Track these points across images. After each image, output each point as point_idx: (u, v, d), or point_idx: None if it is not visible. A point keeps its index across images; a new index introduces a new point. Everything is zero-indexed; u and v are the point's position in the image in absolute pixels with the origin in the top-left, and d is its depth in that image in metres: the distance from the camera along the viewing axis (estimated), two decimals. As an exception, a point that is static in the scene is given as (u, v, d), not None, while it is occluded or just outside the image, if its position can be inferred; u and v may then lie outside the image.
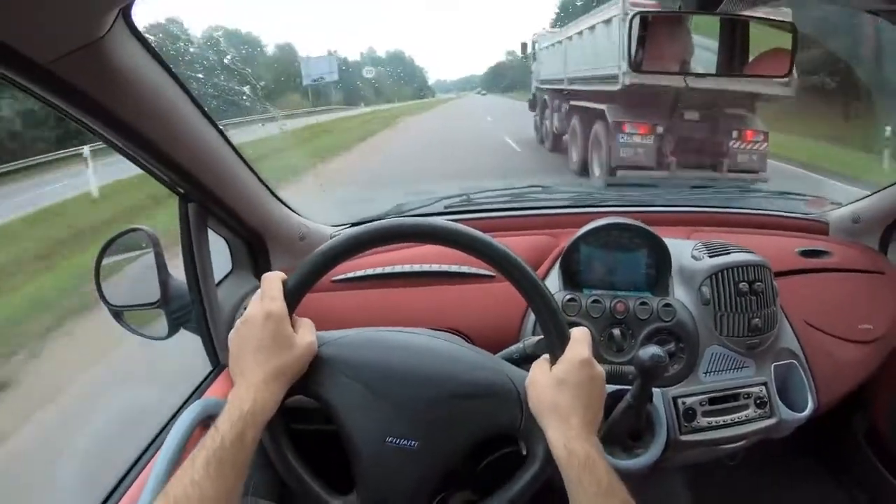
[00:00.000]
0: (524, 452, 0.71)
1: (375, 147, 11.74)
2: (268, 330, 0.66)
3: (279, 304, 0.67)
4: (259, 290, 0.70)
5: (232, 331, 0.69)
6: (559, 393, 0.65)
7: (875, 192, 1.30)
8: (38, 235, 5.05)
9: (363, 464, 0.68)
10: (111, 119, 0.73)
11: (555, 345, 0.68)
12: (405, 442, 0.67)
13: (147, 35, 0.74)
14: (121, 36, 0.68)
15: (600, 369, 0.67)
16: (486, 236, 0.70)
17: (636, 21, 0.91)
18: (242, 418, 0.61)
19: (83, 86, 0.67)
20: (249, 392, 0.63)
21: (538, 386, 0.67)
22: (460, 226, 0.71)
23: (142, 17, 0.73)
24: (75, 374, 2.88)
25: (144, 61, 0.74)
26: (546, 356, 0.70)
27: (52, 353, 3.16)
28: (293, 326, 0.69)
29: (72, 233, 4.93)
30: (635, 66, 0.89)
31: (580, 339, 0.68)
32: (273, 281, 0.70)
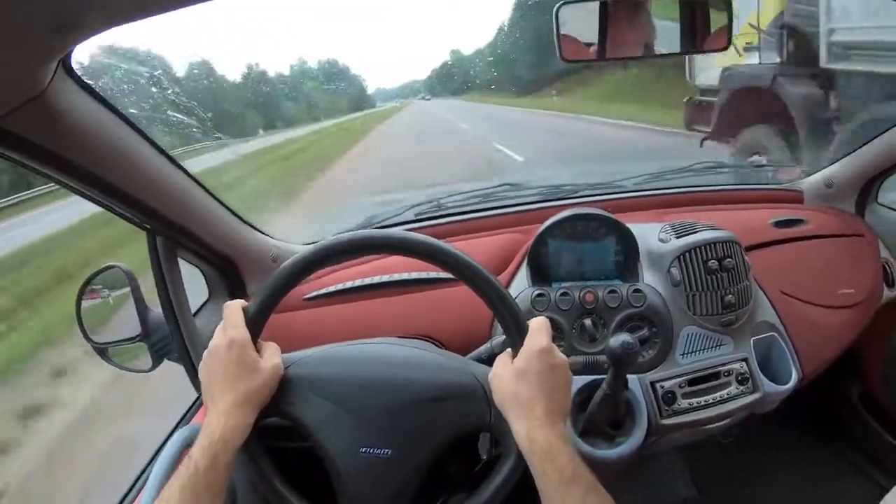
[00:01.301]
0: (484, 455, 0.72)
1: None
2: (232, 357, 0.68)
3: (241, 332, 0.69)
4: (222, 321, 0.72)
5: (200, 363, 0.71)
6: (520, 384, 0.65)
7: (845, 156, 1.29)
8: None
9: (341, 477, 0.70)
10: (68, 167, 0.75)
11: (514, 337, 0.69)
12: (378, 451, 0.69)
13: (89, 80, 0.76)
14: (63, 85, 0.70)
15: (562, 357, 0.67)
16: (428, 238, 0.72)
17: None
18: (213, 445, 0.63)
19: (35, 138, 0.68)
20: (220, 419, 0.65)
21: (500, 379, 0.68)
22: (408, 233, 0.72)
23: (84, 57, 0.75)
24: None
25: (91, 106, 0.76)
26: (508, 350, 0.71)
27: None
28: (259, 351, 0.70)
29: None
30: (560, 56, 0.90)
31: (538, 329, 0.68)
32: (233, 309, 0.72)
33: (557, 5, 0.85)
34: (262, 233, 1.19)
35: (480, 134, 11.04)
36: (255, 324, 0.71)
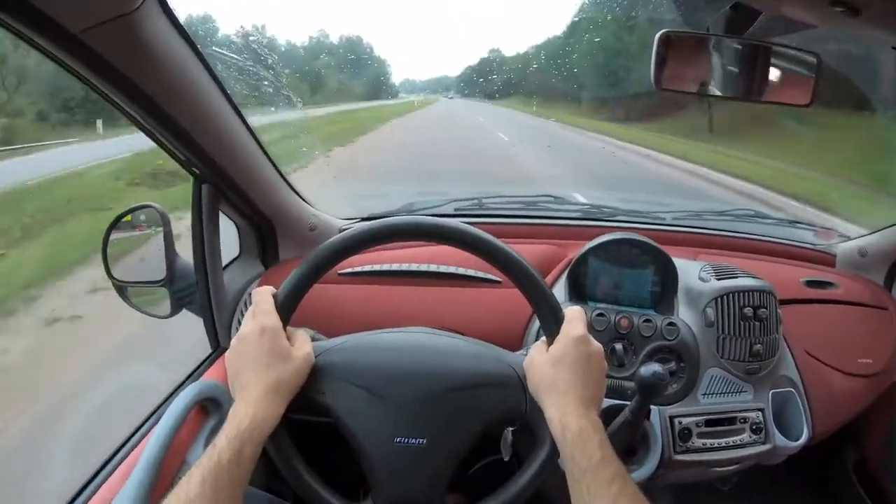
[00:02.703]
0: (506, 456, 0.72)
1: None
2: (264, 344, 0.66)
3: (273, 318, 0.68)
4: (251, 307, 0.70)
5: (228, 350, 0.69)
6: (557, 371, 0.66)
7: (884, 228, 1.31)
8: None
9: (375, 467, 0.69)
10: (136, 93, 0.74)
11: (550, 325, 0.70)
12: (413, 440, 0.68)
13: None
14: (153, 11, 0.69)
15: (597, 345, 0.68)
16: (466, 225, 0.71)
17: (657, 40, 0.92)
18: (239, 436, 0.60)
19: (111, 57, 0.67)
20: (248, 408, 0.63)
21: (536, 365, 0.68)
22: (452, 221, 0.72)
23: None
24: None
25: (173, 39, 0.75)
26: (543, 338, 0.71)
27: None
28: (289, 338, 0.69)
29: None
30: (655, 83, 0.89)
31: (574, 318, 0.69)
32: (264, 295, 0.70)
33: (660, 33, 0.84)
34: (305, 200, 1.18)
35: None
36: (286, 310, 0.70)
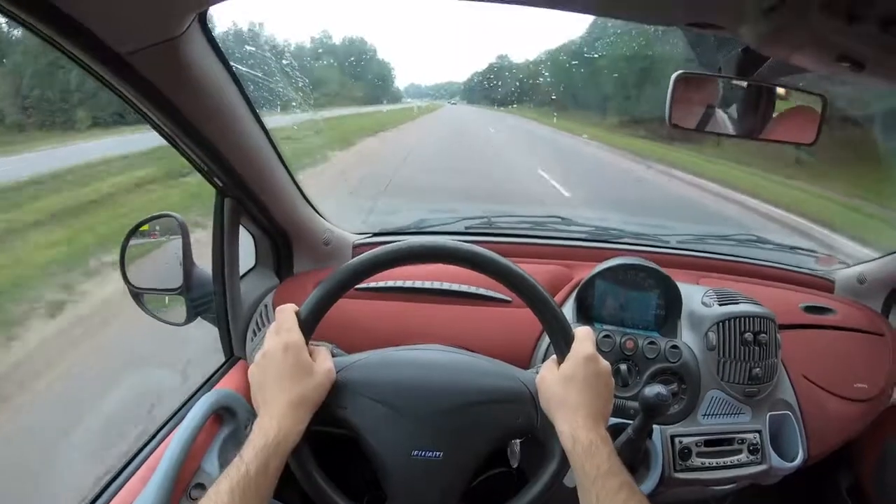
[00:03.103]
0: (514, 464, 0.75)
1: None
2: (288, 360, 0.69)
3: (296, 335, 0.71)
4: (274, 324, 0.73)
5: (252, 365, 0.72)
6: (567, 388, 0.69)
7: (883, 256, 1.34)
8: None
9: (393, 480, 0.72)
10: (172, 112, 0.77)
11: (560, 344, 0.73)
12: (430, 454, 0.71)
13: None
14: (195, 37, 0.72)
15: (605, 363, 0.72)
16: (483, 249, 0.75)
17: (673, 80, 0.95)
18: (266, 448, 0.63)
19: (153, 79, 0.71)
20: (273, 421, 0.65)
21: (547, 383, 0.72)
22: (474, 247, 0.76)
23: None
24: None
25: (212, 62, 0.78)
26: (553, 357, 0.75)
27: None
28: (310, 354, 0.72)
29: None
30: (668, 121, 0.93)
31: (584, 337, 0.73)
32: (287, 313, 0.73)
33: (676, 73, 0.88)
34: (321, 215, 1.20)
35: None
36: (308, 327, 0.73)
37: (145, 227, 1.09)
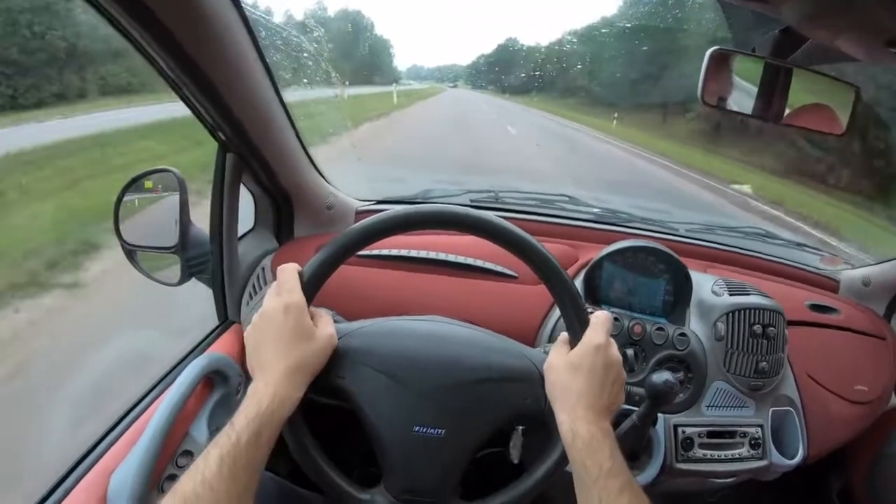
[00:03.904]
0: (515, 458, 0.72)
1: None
2: (288, 322, 0.64)
3: (298, 296, 0.66)
4: (274, 283, 0.69)
5: (248, 326, 0.67)
6: (573, 377, 0.66)
7: (889, 260, 1.33)
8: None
9: (390, 454, 0.68)
10: (179, 53, 0.72)
11: (574, 326, 0.70)
12: (432, 430, 0.67)
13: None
14: None
15: (616, 354, 0.68)
16: (500, 219, 0.71)
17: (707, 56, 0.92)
18: (259, 416, 0.59)
19: (161, 14, 0.66)
20: (269, 387, 0.61)
21: (553, 369, 0.69)
22: (483, 213, 0.71)
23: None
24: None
25: (225, 6, 0.73)
26: (564, 337, 0.71)
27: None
28: (311, 318, 0.67)
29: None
30: (700, 98, 0.90)
31: (598, 324, 0.69)
32: (290, 273, 0.68)
33: (711, 49, 0.85)
34: (325, 179, 1.16)
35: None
36: (311, 289, 0.69)
37: (148, 185, 1.04)
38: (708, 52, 0.85)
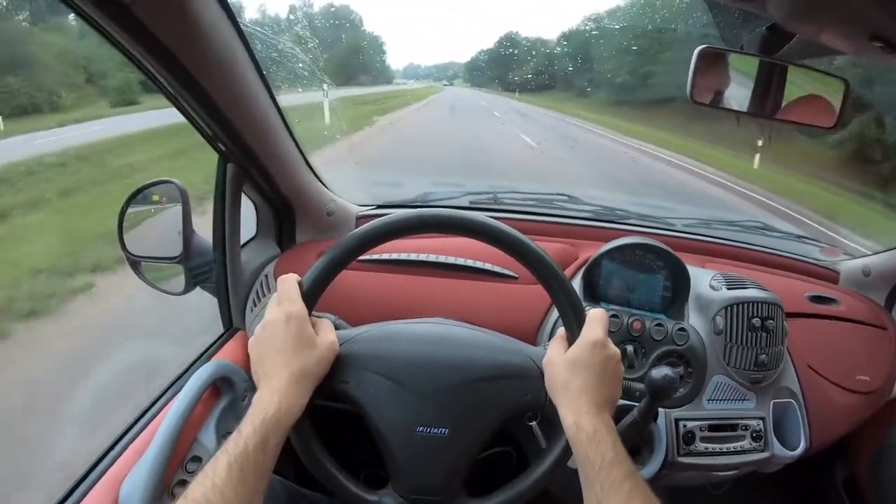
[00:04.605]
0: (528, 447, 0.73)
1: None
2: (290, 331, 0.66)
3: (298, 306, 0.68)
4: (275, 294, 0.70)
5: (252, 337, 0.69)
6: (572, 374, 0.67)
7: (888, 250, 1.33)
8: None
9: (396, 456, 0.70)
10: (174, 66, 0.74)
11: (571, 323, 0.71)
12: (435, 430, 0.69)
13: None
14: None
15: (614, 349, 0.70)
16: (496, 221, 0.72)
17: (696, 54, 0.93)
18: (265, 423, 0.60)
19: (156, 28, 0.68)
20: (274, 396, 0.63)
21: (553, 366, 0.70)
22: (480, 215, 0.73)
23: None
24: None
25: (218, 14, 0.75)
26: (562, 333, 0.73)
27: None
28: (313, 326, 0.69)
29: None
30: (689, 96, 0.91)
31: (595, 321, 0.70)
32: (289, 282, 0.70)
33: (699, 48, 0.86)
34: (325, 185, 1.18)
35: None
36: (311, 298, 0.70)
37: (155, 198, 1.06)
38: (696, 51, 0.86)
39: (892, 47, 0.63)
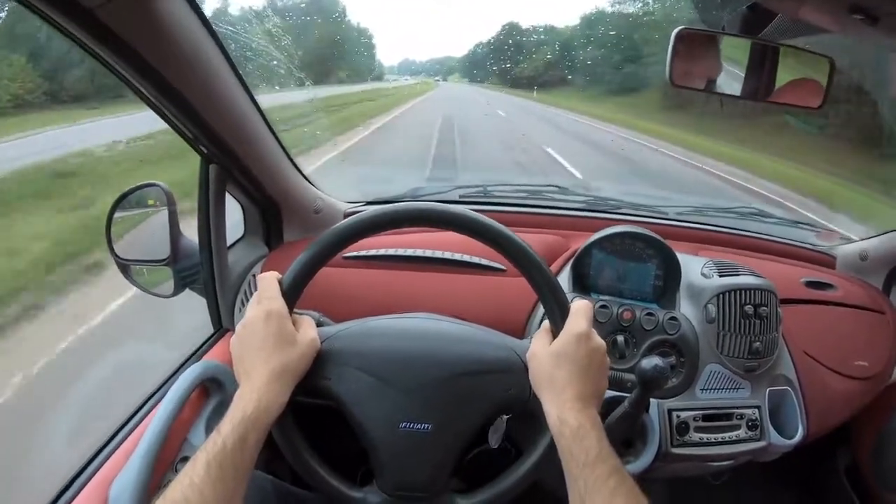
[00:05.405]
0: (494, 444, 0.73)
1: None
2: (270, 329, 0.66)
3: (278, 303, 0.68)
4: (256, 293, 0.70)
5: (233, 335, 0.69)
6: (556, 367, 0.66)
7: (885, 233, 1.31)
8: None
9: (380, 452, 0.69)
10: (146, 69, 0.73)
11: (555, 314, 0.70)
12: (419, 426, 0.68)
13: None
14: None
15: (599, 341, 0.69)
16: (475, 213, 0.71)
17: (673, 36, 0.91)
18: (244, 421, 0.60)
19: (123, 32, 0.67)
20: (253, 393, 0.63)
21: (537, 359, 0.69)
22: (461, 208, 0.72)
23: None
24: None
25: (186, 15, 0.74)
26: (546, 326, 0.72)
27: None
28: (294, 323, 0.69)
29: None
30: (669, 79, 0.89)
31: (579, 312, 0.69)
32: (269, 280, 0.70)
33: (676, 29, 0.85)
34: (311, 183, 1.17)
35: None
36: (291, 295, 0.70)
37: (150, 201, 1.06)
38: (674, 33, 0.85)
39: (872, 18, 0.61)
